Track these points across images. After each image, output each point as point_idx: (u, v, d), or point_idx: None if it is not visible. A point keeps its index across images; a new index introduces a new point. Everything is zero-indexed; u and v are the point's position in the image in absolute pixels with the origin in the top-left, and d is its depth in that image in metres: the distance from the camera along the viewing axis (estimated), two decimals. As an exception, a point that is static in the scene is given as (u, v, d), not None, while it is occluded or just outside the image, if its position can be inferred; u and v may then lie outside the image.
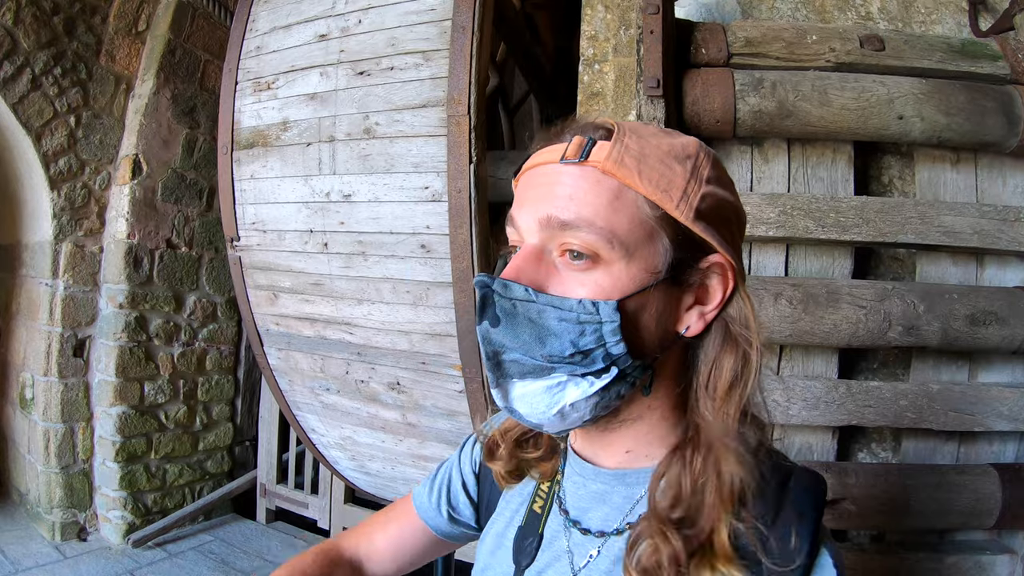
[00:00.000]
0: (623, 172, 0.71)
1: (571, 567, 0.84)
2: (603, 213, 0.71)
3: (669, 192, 0.72)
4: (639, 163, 0.72)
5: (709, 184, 0.74)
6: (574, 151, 0.73)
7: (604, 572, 0.81)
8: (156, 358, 4.45)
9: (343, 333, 3.02)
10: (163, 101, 4.41)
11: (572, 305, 0.70)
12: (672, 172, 0.72)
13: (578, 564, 0.83)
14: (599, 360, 0.71)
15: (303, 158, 2.94)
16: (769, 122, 2.29)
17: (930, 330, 2.24)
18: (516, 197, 0.80)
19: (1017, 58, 2.42)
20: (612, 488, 0.84)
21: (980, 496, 2.33)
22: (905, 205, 2.38)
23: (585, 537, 0.84)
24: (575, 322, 0.70)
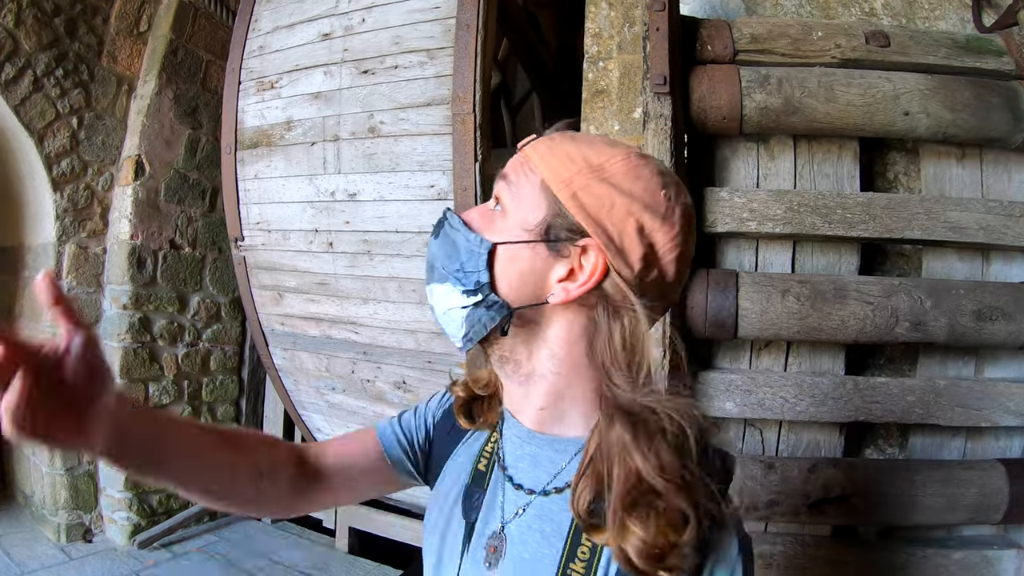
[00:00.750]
0: (534, 157, 0.91)
1: (501, 518, 0.95)
2: (515, 179, 0.91)
3: (558, 174, 0.87)
4: (548, 153, 0.90)
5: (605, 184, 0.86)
6: (525, 142, 0.95)
7: (526, 526, 0.92)
8: (160, 359, 4.43)
9: (349, 332, 3.02)
10: (165, 102, 4.40)
11: (470, 236, 0.90)
12: (571, 162, 0.87)
13: (508, 516, 0.95)
14: (471, 282, 0.88)
15: (308, 157, 2.95)
16: (775, 119, 2.28)
17: (937, 326, 2.23)
18: None
19: (1022, 53, 2.41)
20: (543, 452, 0.95)
21: (987, 491, 2.32)
22: (911, 201, 2.37)
23: (517, 492, 0.96)
24: (466, 248, 0.89)
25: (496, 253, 0.88)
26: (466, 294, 0.88)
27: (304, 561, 4.35)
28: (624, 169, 0.87)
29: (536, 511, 0.92)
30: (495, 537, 0.94)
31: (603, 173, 0.86)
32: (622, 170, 0.87)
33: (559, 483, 0.92)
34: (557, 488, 0.92)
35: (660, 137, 2.10)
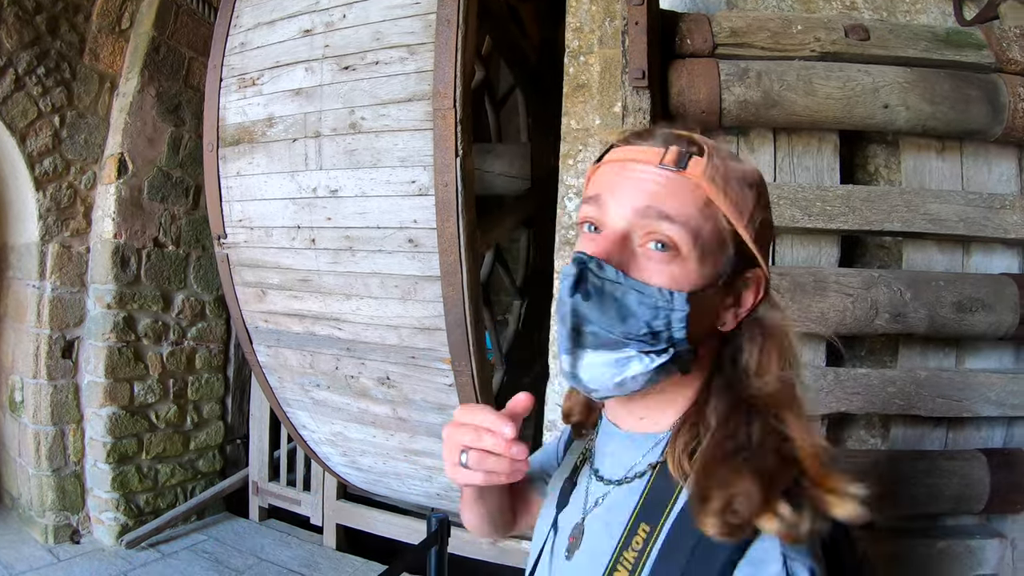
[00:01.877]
0: (713, 189, 0.83)
1: (583, 508, 0.98)
2: (694, 216, 0.82)
3: (742, 213, 0.85)
4: (725, 184, 0.84)
5: (765, 210, 0.89)
6: (673, 159, 0.84)
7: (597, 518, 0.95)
8: (145, 358, 4.43)
9: (332, 329, 3.02)
10: (148, 99, 4.39)
11: (652, 292, 0.81)
12: (745, 196, 0.85)
13: (589, 507, 0.97)
14: (663, 341, 0.82)
15: (289, 154, 2.93)
16: (755, 112, 2.29)
17: (917, 317, 2.25)
18: (602, 183, 0.90)
19: (1001, 47, 2.42)
20: (625, 448, 0.96)
21: (969, 481, 2.34)
22: (891, 193, 2.38)
23: (598, 484, 0.98)
24: (652, 307, 0.81)
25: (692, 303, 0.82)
26: (656, 355, 0.83)
27: (293, 559, 4.36)
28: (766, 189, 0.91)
29: (608, 503, 0.94)
30: (576, 528, 0.97)
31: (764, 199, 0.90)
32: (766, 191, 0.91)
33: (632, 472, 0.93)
34: (627, 478, 0.93)
35: (638, 131, 2.10)
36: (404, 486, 3.70)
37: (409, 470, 3.49)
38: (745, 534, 0.75)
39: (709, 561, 0.77)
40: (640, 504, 0.88)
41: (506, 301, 5.66)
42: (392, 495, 4.07)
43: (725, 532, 0.75)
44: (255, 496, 4.92)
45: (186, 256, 4.67)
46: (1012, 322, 2.29)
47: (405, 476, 3.57)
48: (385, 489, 3.91)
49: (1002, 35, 2.48)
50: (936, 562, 2.45)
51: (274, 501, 4.90)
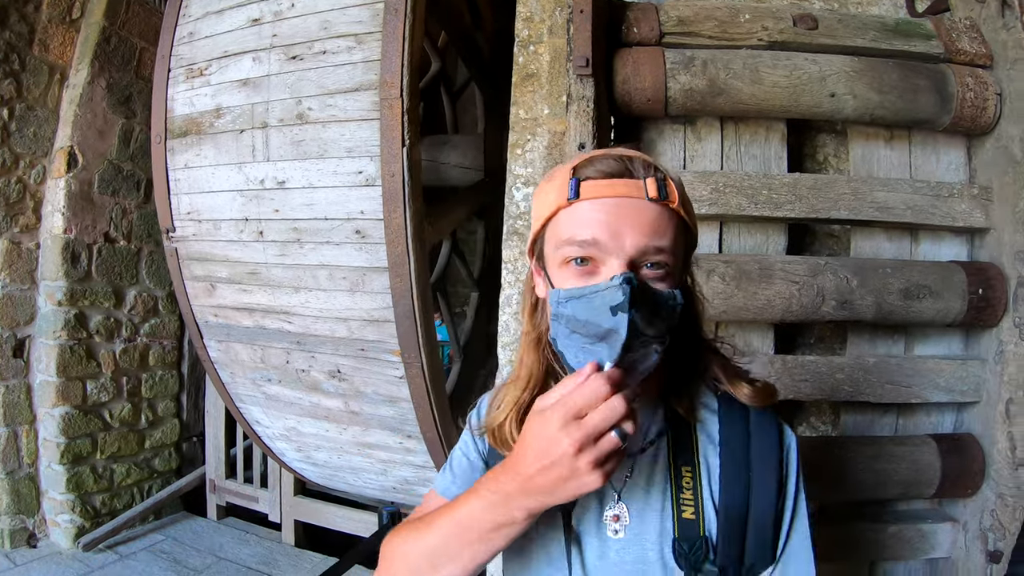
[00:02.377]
0: (683, 211, 0.99)
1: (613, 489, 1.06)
2: (678, 241, 0.98)
3: (693, 220, 1.03)
4: (684, 201, 1.00)
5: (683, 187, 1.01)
6: (654, 191, 0.96)
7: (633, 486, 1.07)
8: (98, 356, 4.34)
9: (281, 322, 2.98)
10: (98, 91, 4.29)
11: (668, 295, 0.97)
12: (691, 205, 1.04)
13: (617, 485, 1.06)
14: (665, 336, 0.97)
15: (237, 145, 2.89)
16: (701, 100, 2.28)
17: (864, 304, 2.26)
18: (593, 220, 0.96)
19: (951, 37, 2.44)
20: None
21: (919, 466, 2.36)
22: (838, 181, 2.39)
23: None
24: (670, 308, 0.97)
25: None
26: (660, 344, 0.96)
27: (251, 557, 4.33)
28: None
29: (640, 469, 1.07)
30: (614, 506, 1.06)
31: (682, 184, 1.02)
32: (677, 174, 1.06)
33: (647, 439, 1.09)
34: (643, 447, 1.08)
35: (583, 119, 2.10)
36: (360, 480, 3.68)
37: (364, 464, 3.47)
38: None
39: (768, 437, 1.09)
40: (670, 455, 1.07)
41: (464, 293, 5.65)
42: (349, 490, 4.04)
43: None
44: (212, 494, 4.87)
45: (138, 251, 4.58)
46: (960, 309, 2.31)
47: (360, 470, 3.55)
48: (342, 484, 3.89)
49: (952, 26, 2.49)
50: (888, 546, 2.48)
51: (232, 499, 4.85)
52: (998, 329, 2.37)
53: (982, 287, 2.32)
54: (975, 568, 2.41)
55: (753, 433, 1.08)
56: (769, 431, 1.09)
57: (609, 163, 0.98)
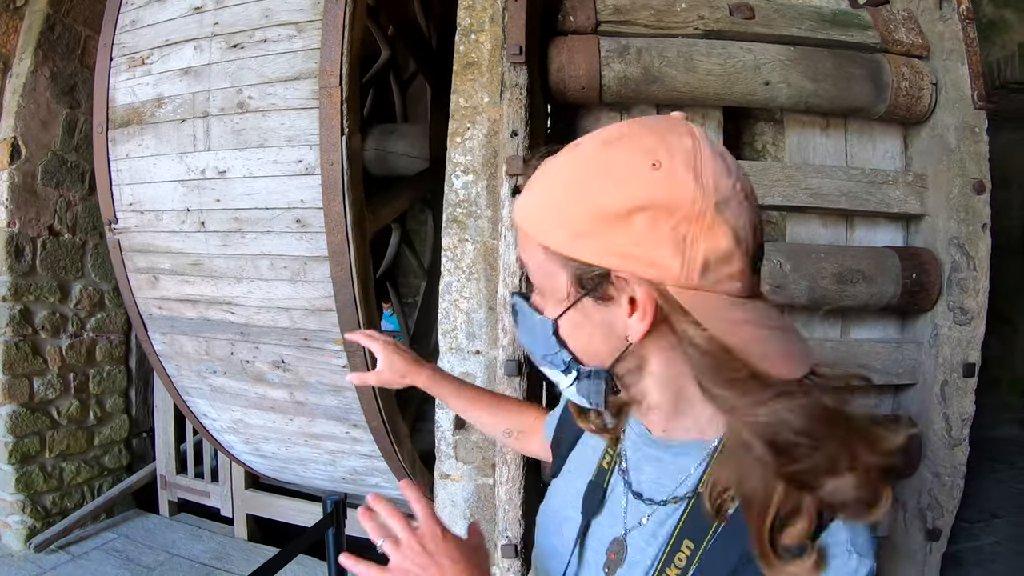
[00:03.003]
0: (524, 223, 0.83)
1: (624, 524, 0.93)
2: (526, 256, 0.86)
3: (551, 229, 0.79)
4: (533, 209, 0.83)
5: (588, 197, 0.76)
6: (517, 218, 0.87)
7: (650, 534, 0.89)
8: (44, 352, 4.24)
9: (225, 313, 2.96)
10: (42, 80, 4.19)
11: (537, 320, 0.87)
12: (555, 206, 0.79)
13: (630, 524, 0.92)
14: (560, 363, 0.87)
15: (178, 135, 2.86)
16: (635, 88, 2.30)
17: (798, 288, 2.30)
18: None
19: (888, 28, 2.49)
20: (666, 457, 0.91)
21: (855, 448, 2.40)
22: (772, 168, 2.43)
23: (638, 501, 0.92)
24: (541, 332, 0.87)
25: (559, 329, 0.84)
26: (565, 374, 0.88)
27: (204, 552, 4.29)
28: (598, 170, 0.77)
29: (657, 520, 0.89)
30: (616, 544, 0.93)
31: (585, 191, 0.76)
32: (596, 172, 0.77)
33: (680, 491, 0.88)
34: (676, 497, 0.88)
35: (515, 107, 2.10)
36: (309, 471, 3.67)
37: (312, 455, 3.46)
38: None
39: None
40: (683, 519, 0.86)
41: (415, 283, 5.64)
42: (300, 481, 4.05)
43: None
44: (164, 490, 4.80)
45: (83, 244, 4.47)
46: (894, 293, 2.35)
47: (309, 461, 3.54)
48: (292, 476, 3.88)
49: (889, 17, 2.54)
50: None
51: (183, 494, 4.79)
52: (933, 313, 2.42)
53: (916, 272, 2.37)
54: (915, 546, 2.46)
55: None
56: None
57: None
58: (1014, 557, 4.14)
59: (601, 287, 0.78)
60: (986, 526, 4.61)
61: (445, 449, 2.40)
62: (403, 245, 5.12)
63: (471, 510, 2.41)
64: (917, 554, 2.47)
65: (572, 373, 0.86)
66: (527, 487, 2.04)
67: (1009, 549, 4.26)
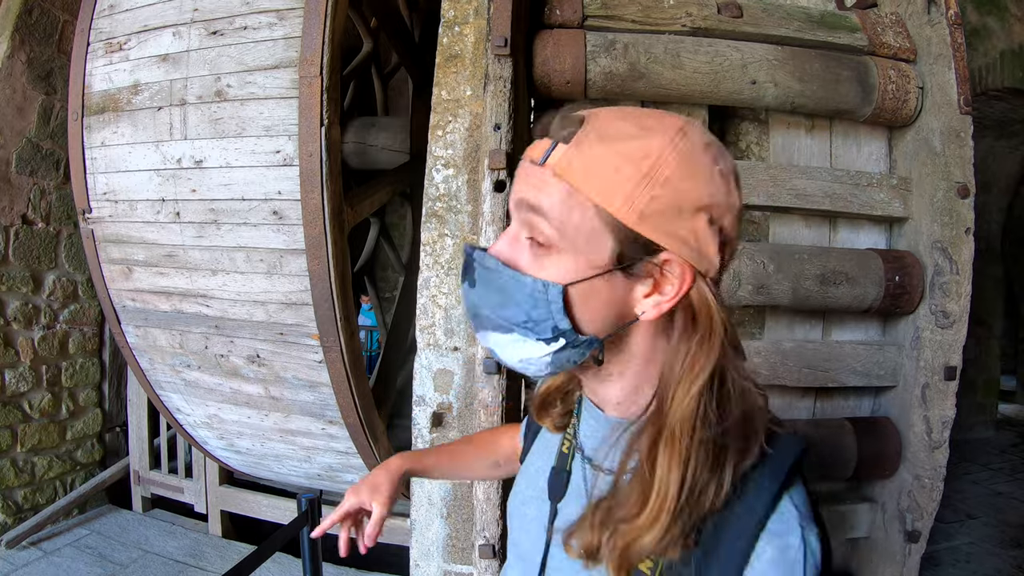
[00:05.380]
0: (571, 176, 0.79)
1: (587, 495, 0.95)
2: (557, 209, 0.80)
3: (613, 196, 0.78)
4: (587, 167, 0.79)
5: (666, 184, 0.78)
6: (539, 153, 0.82)
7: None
8: (15, 343, 4.17)
9: (199, 306, 2.92)
10: (18, 65, 4.11)
11: (528, 282, 0.83)
12: (620, 176, 0.78)
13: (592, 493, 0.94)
14: (548, 330, 0.83)
15: (154, 123, 2.81)
16: (621, 84, 2.28)
17: (780, 289, 2.29)
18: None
19: (876, 31, 2.48)
20: (615, 434, 0.94)
21: (836, 449, 2.40)
22: (757, 168, 2.42)
23: (598, 474, 0.96)
24: (529, 295, 0.83)
25: (568, 295, 0.82)
26: (545, 342, 0.84)
27: (178, 550, 4.25)
28: (677, 161, 0.79)
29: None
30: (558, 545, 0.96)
31: (659, 175, 0.78)
32: (675, 163, 0.79)
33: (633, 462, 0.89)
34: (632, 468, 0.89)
35: (499, 100, 2.07)
36: (284, 468, 3.64)
37: (287, 451, 3.43)
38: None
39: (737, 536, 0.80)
40: None
41: (393, 278, 5.64)
42: (275, 478, 4.02)
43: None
44: (137, 486, 4.75)
45: (56, 234, 4.40)
46: (876, 295, 2.35)
47: (284, 457, 3.51)
48: (267, 472, 3.85)
49: (877, 20, 2.53)
50: (804, 529, 2.52)
51: (157, 490, 4.75)
52: (915, 316, 2.42)
53: (899, 275, 2.36)
54: (894, 548, 2.46)
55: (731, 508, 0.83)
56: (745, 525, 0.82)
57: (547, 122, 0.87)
58: (989, 558, 4.20)
59: (640, 264, 0.81)
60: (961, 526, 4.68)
61: (422, 446, 2.38)
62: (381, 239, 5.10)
63: (448, 509, 2.39)
64: (896, 555, 2.47)
65: (559, 342, 0.84)
66: (505, 487, 2.02)
67: (984, 550, 4.33)
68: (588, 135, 0.81)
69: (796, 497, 0.83)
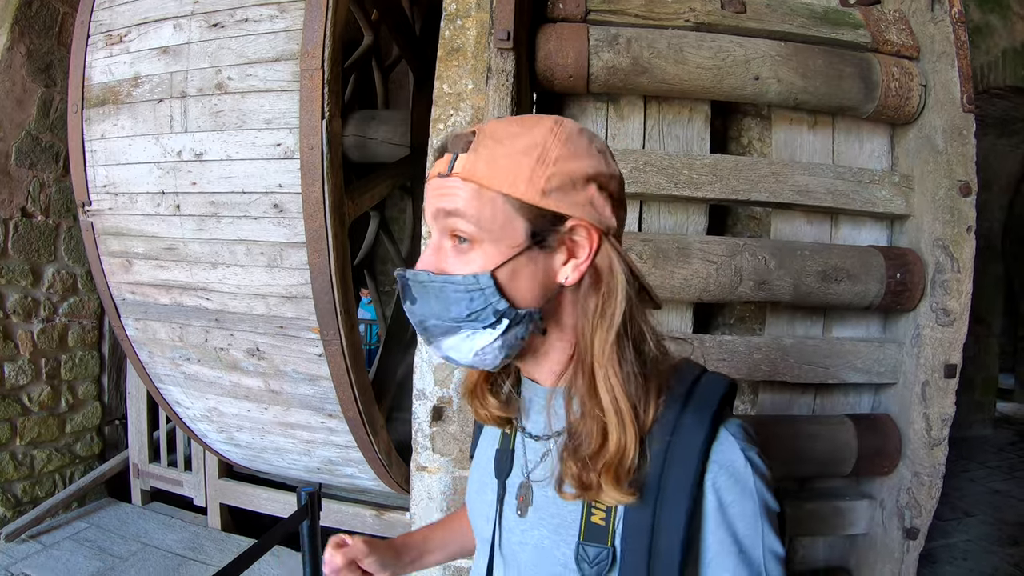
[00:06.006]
0: (477, 176, 0.92)
1: (524, 468, 1.09)
2: (472, 206, 0.91)
3: (515, 183, 0.91)
4: (489, 166, 0.92)
5: (556, 163, 0.92)
6: (444, 166, 0.95)
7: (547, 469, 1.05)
8: (15, 336, 4.17)
9: (199, 299, 2.93)
10: (17, 57, 4.10)
11: (459, 280, 0.93)
12: (518, 166, 0.91)
13: (530, 466, 1.09)
14: (490, 316, 0.93)
15: (154, 115, 2.81)
16: (623, 78, 2.28)
17: (782, 285, 2.29)
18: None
19: (879, 28, 2.49)
20: (548, 402, 1.05)
21: (836, 445, 2.42)
22: (759, 164, 2.42)
23: (533, 442, 1.09)
24: (465, 291, 0.93)
25: (498, 278, 0.92)
26: (492, 327, 0.94)
27: (177, 543, 4.27)
28: (561, 144, 0.93)
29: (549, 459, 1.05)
30: (523, 487, 1.08)
31: (549, 158, 0.92)
32: (560, 146, 0.93)
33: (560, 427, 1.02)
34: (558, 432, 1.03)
35: (501, 93, 2.09)
36: (284, 461, 3.66)
37: (287, 444, 3.45)
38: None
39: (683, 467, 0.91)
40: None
41: (392, 272, 5.63)
42: (274, 471, 4.04)
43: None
44: (136, 479, 4.76)
45: (56, 226, 4.40)
46: (878, 292, 2.36)
47: (283, 450, 3.53)
48: (266, 465, 3.87)
49: (881, 17, 2.54)
50: (805, 523, 2.54)
51: (156, 483, 4.76)
52: (916, 313, 2.43)
53: (900, 272, 2.37)
54: (892, 544, 2.48)
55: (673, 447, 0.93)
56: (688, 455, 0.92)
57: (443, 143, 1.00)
58: (985, 555, 4.22)
59: (552, 236, 0.94)
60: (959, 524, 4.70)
61: (422, 441, 2.38)
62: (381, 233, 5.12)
63: (447, 502, 2.40)
64: (895, 552, 2.48)
65: (503, 322, 0.94)
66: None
67: (981, 547, 4.35)
68: (483, 141, 0.94)
69: (731, 427, 0.94)
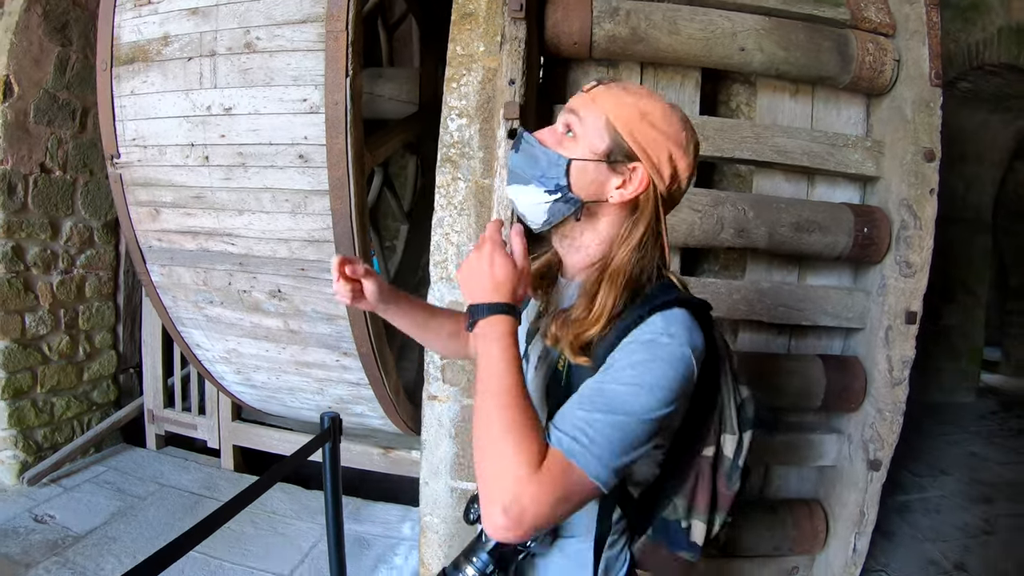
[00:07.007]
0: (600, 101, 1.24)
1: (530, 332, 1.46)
2: (588, 114, 1.24)
3: (620, 118, 1.21)
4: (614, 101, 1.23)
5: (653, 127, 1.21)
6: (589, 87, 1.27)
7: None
8: (35, 288, 4.32)
9: (225, 244, 3.10)
10: (34, 18, 4.19)
11: (551, 153, 1.24)
12: (630, 111, 1.21)
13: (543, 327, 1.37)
14: (552, 185, 1.24)
15: (184, 72, 2.96)
16: (623, 46, 2.51)
17: (758, 233, 2.53)
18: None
19: (859, 6, 2.69)
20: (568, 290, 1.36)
21: (807, 381, 2.66)
22: (742, 126, 2.65)
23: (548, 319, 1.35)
24: (547, 162, 1.24)
25: (571, 166, 1.23)
26: (548, 193, 1.24)
27: (193, 483, 4.42)
28: (662, 116, 1.22)
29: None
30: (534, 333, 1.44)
31: (649, 118, 1.21)
32: (661, 117, 1.22)
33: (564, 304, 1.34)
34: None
35: (514, 58, 2.31)
36: (297, 401, 3.83)
37: (301, 383, 3.62)
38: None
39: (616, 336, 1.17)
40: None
41: (394, 227, 5.72)
42: (286, 412, 4.19)
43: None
44: (151, 424, 4.91)
45: (73, 182, 4.53)
46: (846, 244, 2.59)
47: (297, 390, 3.70)
48: (278, 406, 4.04)
49: (859, -3, 2.71)
50: (777, 453, 2.79)
51: (170, 427, 4.91)
52: (882, 265, 2.66)
53: (868, 227, 2.60)
54: (857, 475, 2.73)
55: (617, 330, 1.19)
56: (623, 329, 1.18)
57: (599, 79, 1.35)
58: (958, 511, 4.37)
59: (620, 164, 1.23)
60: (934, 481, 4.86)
61: (433, 372, 2.58)
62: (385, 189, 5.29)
63: (456, 429, 2.60)
64: (859, 483, 2.72)
65: (557, 194, 1.24)
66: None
67: (955, 503, 4.50)
68: (616, 86, 1.27)
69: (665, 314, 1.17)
